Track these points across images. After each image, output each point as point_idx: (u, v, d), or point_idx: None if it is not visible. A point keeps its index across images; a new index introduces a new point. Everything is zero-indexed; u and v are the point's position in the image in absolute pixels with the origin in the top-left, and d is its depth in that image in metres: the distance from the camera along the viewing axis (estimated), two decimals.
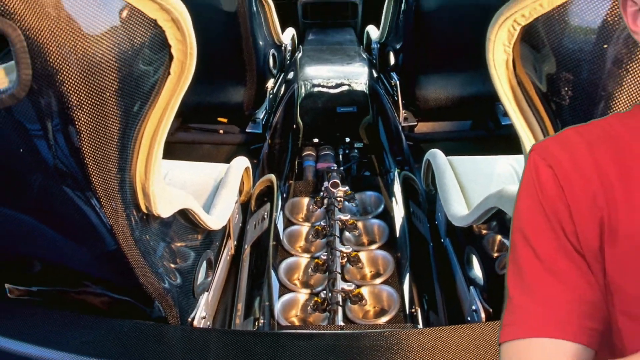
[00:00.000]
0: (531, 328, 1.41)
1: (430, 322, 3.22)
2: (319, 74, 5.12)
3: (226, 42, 4.81)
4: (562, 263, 1.37)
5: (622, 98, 2.10)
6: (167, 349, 2.41)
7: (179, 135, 5.03)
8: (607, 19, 2.04)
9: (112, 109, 2.16)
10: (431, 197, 3.74)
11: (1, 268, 2.80)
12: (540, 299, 1.42)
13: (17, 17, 1.93)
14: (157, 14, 2.12)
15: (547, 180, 1.37)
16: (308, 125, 4.95)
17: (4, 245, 2.58)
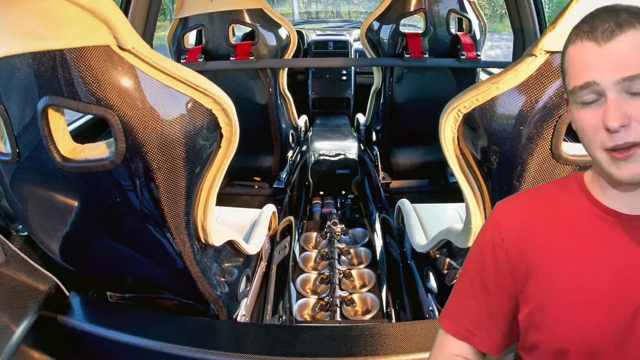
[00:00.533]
0: (449, 326, 1.45)
1: (400, 318, 3.22)
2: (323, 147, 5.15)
3: (260, 124, 4.85)
4: (479, 290, 1.38)
5: (533, 164, 2.15)
6: (219, 337, 2.42)
7: (227, 189, 5.05)
8: (522, 109, 2.09)
9: (180, 171, 2.21)
10: (401, 232, 3.75)
11: (105, 281, 2.84)
12: (463, 308, 1.44)
13: (115, 108, 2.01)
14: (212, 105, 2.18)
15: (493, 229, 1.35)
16: (316, 182, 4.99)
17: (107, 265, 2.61)
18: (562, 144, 2.12)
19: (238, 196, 5.06)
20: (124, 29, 1.98)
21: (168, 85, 2.08)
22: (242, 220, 3.70)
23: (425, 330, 2.42)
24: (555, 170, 2.16)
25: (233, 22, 4.43)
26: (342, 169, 5.03)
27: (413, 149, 5.14)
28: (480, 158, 2.30)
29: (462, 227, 2.59)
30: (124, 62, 2.02)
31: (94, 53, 1.98)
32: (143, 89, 2.05)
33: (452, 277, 2.79)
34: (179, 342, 2.35)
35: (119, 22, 1.96)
